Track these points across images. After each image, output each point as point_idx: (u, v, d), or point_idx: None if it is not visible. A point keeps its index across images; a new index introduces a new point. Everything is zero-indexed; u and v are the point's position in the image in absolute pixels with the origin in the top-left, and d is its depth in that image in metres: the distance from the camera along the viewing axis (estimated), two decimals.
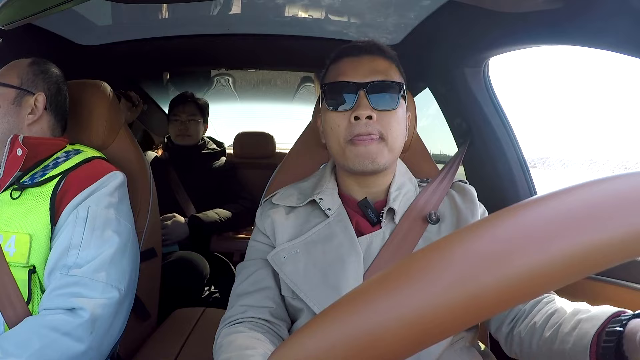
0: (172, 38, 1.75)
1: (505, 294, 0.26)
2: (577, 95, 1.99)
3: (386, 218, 0.90)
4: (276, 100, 3.17)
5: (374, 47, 0.93)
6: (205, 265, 1.88)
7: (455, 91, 1.48)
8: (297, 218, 0.95)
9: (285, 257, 0.88)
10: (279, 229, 0.94)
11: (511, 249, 0.26)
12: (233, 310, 0.88)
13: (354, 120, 0.85)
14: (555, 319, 0.74)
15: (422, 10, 1.37)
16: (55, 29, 1.56)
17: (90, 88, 1.31)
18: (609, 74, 1.61)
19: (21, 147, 1.02)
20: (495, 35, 1.21)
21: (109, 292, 0.99)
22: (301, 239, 0.90)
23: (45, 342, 0.88)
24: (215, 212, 1.97)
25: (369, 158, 0.85)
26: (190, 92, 2.27)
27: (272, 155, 2.69)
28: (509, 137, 1.37)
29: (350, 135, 0.86)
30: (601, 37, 0.91)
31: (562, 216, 0.25)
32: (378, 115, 0.86)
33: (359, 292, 0.31)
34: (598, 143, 2.08)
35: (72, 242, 0.99)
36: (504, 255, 0.25)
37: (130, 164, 1.31)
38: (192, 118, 2.19)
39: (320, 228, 0.90)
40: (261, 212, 1.01)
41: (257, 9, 1.54)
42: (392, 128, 0.87)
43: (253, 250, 0.98)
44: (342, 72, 0.90)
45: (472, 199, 0.94)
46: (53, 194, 1.03)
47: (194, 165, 2.17)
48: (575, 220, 0.24)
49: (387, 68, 0.90)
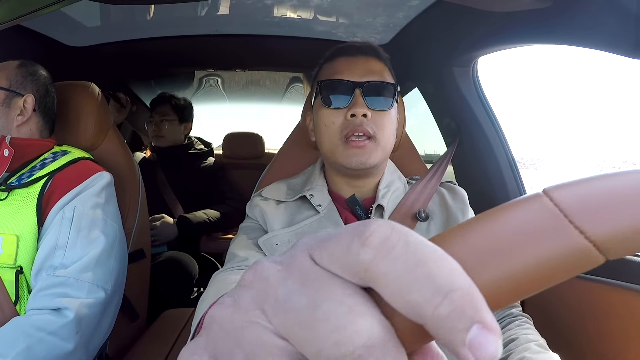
0: (161, 39, 1.75)
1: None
2: (561, 95, 2.00)
3: (375, 215, 0.91)
4: (265, 101, 3.16)
5: (369, 48, 0.93)
6: (195, 265, 1.88)
7: (444, 91, 1.48)
8: (287, 210, 0.95)
9: (278, 244, 0.88)
10: (269, 217, 0.93)
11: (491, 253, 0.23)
12: (231, 263, 0.86)
13: (350, 117, 0.86)
14: (510, 347, 0.77)
15: (411, 10, 1.37)
16: (44, 30, 1.56)
17: (79, 89, 1.30)
18: (593, 74, 1.63)
19: (8, 147, 1.02)
20: (484, 35, 1.22)
21: (95, 292, 0.99)
22: (293, 228, 0.90)
23: (31, 342, 0.88)
24: (203, 213, 1.96)
25: (361, 157, 0.86)
26: (167, 93, 2.24)
27: (261, 155, 2.69)
28: (498, 136, 1.38)
29: (345, 131, 0.87)
30: (590, 36, 0.91)
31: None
32: (372, 114, 0.86)
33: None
34: (571, 144, 2.10)
35: (58, 243, 0.99)
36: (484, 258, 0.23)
37: (118, 165, 1.31)
38: (164, 118, 2.15)
39: (312, 222, 0.90)
40: (250, 204, 1.01)
41: (245, 9, 1.54)
42: (385, 128, 0.88)
43: (245, 229, 0.96)
44: (338, 71, 0.90)
45: (463, 199, 0.95)
46: (40, 195, 1.03)
47: (181, 166, 2.16)
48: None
49: (381, 69, 0.91)
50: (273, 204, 0.97)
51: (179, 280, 1.78)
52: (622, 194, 0.21)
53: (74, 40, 1.71)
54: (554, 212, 0.21)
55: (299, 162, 1.17)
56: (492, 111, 1.40)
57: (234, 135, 2.72)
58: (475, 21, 1.18)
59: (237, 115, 3.55)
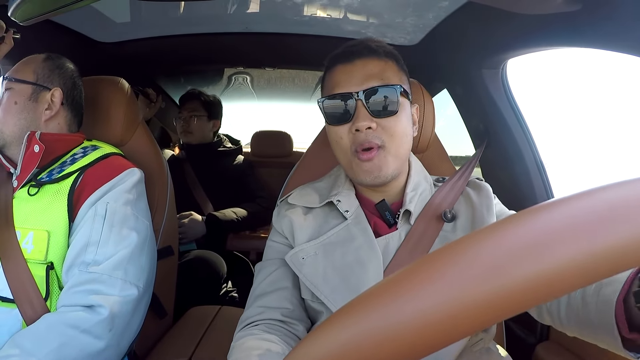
0: (190, 36, 1.76)
1: (533, 291, 0.25)
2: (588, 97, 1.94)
3: (402, 219, 0.89)
4: (294, 99, 3.16)
5: (366, 49, 0.89)
6: (222, 263, 1.87)
7: (473, 92, 1.47)
8: (315, 219, 0.94)
9: (304, 258, 0.88)
10: (297, 229, 0.93)
11: (547, 241, 0.25)
12: (250, 311, 0.88)
13: (355, 132, 0.84)
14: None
15: (441, 11, 1.36)
16: (74, 26, 1.57)
17: (108, 84, 1.31)
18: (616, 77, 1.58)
19: (38, 143, 1.02)
20: (513, 37, 1.20)
21: (128, 290, 0.99)
22: (320, 240, 0.89)
23: (64, 340, 0.87)
24: (232, 211, 1.96)
25: (375, 172, 0.85)
26: (196, 90, 2.24)
27: (290, 154, 2.68)
28: (526, 139, 1.36)
29: (354, 146, 0.85)
30: (620, 40, 0.90)
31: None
32: (379, 122, 0.84)
33: (378, 290, 0.30)
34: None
35: (91, 239, 0.99)
36: (535, 249, 0.24)
37: (147, 161, 1.31)
38: (193, 114, 2.16)
39: (339, 230, 0.89)
40: (278, 213, 1.01)
41: (275, 7, 1.53)
42: (395, 133, 0.85)
43: (271, 251, 0.98)
44: (336, 83, 0.88)
45: (488, 194, 0.92)
46: (71, 191, 1.03)
47: (211, 164, 2.16)
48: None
49: (381, 69, 0.87)
50: (301, 213, 0.96)
51: (206, 278, 1.78)
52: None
53: (104, 36, 1.73)
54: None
55: (326, 161, 1.15)
56: (521, 114, 1.39)
57: (263, 133, 2.72)
58: (504, 23, 1.17)
59: (265, 113, 3.55)
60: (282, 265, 0.92)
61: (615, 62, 0.98)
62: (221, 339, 1.26)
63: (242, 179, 2.19)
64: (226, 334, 0.86)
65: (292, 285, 0.90)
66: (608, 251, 0.25)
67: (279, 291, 0.89)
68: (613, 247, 0.25)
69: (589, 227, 0.25)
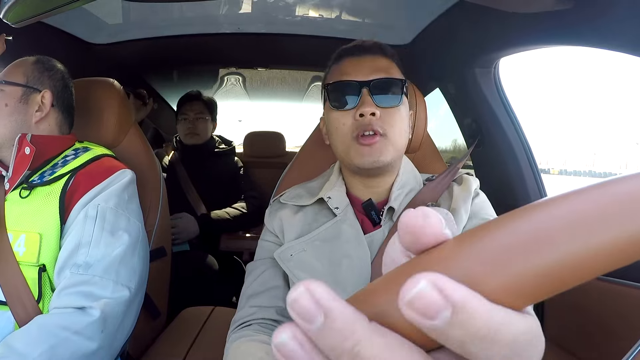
0: (182, 37, 1.75)
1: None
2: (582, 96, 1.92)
3: (386, 217, 0.90)
4: (287, 99, 3.16)
5: (375, 46, 0.93)
6: (215, 264, 1.88)
7: (465, 91, 1.48)
8: (305, 217, 0.95)
9: (292, 254, 0.89)
10: (287, 227, 0.94)
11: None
12: (243, 312, 0.88)
13: (359, 117, 0.86)
14: None
15: (433, 10, 1.37)
16: (66, 28, 1.57)
17: (100, 86, 1.30)
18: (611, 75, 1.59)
19: (29, 145, 1.02)
20: (506, 36, 1.21)
21: (120, 291, 0.99)
22: (308, 237, 0.90)
23: (56, 341, 0.87)
24: (225, 211, 1.96)
25: (375, 155, 0.85)
26: (197, 90, 2.24)
27: (284, 154, 2.68)
28: (519, 138, 1.37)
29: (355, 132, 0.86)
30: (611, 38, 0.91)
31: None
32: (381, 112, 0.86)
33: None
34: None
35: (82, 241, 0.99)
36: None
37: (140, 162, 1.31)
38: (199, 116, 2.16)
39: (328, 227, 0.90)
40: (270, 212, 1.02)
41: (267, 8, 1.54)
42: (396, 125, 0.87)
43: (262, 250, 0.98)
44: (345, 72, 0.91)
45: (469, 187, 0.92)
46: (62, 193, 1.02)
47: (205, 164, 2.16)
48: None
49: (388, 66, 0.91)
50: (292, 211, 0.97)
51: (200, 279, 1.78)
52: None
53: (96, 38, 1.72)
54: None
55: (319, 161, 1.16)
56: (513, 113, 1.40)
57: (256, 134, 2.72)
58: (496, 22, 1.18)
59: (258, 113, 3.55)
60: (273, 265, 0.93)
61: (607, 59, 0.99)
62: (215, 339, 1.26)
63: (235, 179, 2.20)
64: (220, 334, 0.87)
65: (283, 283, 0.91)
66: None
67: (271, 290, 0.90)
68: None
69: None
